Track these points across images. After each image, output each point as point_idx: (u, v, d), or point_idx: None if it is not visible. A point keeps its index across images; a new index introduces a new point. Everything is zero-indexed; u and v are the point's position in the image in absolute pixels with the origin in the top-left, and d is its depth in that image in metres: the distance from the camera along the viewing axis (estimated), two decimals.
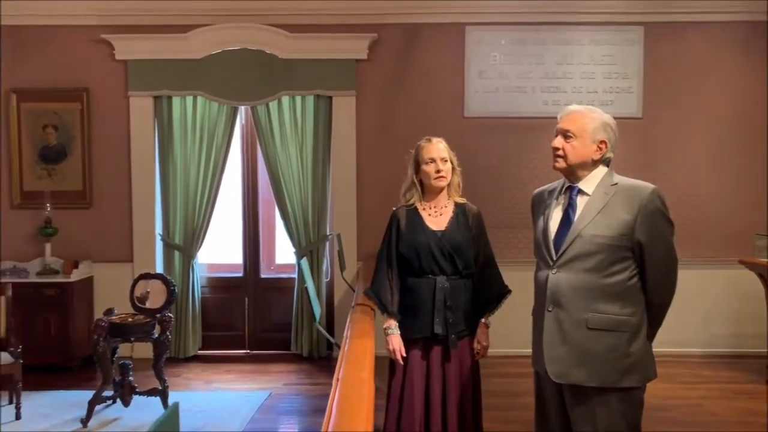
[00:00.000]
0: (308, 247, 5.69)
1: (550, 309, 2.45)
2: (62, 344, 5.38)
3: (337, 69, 5.58)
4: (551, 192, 2.63)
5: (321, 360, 5.67)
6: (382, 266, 3.08)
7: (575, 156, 2.47)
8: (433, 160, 2.99)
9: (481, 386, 3.12)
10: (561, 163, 2.50)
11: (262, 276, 6.05)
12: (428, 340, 3.00)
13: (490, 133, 5.70)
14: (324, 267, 5.75)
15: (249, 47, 5.62)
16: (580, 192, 2.50)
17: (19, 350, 4.36)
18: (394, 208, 3.14)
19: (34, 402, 4.55)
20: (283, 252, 6.07)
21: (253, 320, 5.98)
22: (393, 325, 3.00)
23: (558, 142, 2.49)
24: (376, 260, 3.14)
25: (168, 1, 5.59)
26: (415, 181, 3.08)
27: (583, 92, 5.69)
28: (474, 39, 5.69)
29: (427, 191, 3.06)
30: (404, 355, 2.98)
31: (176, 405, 1.35)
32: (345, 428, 1.72)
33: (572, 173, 2.51)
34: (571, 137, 2.47)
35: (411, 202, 3.09)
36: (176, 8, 5.60)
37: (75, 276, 5.48)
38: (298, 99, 5.69)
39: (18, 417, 4.30)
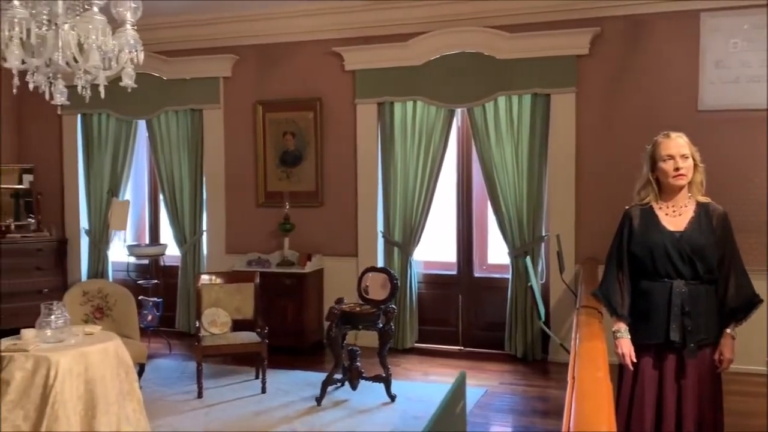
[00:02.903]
0: (522, 248, 5.66)
1: None
2: (297, 329, 5.96)
3: (557, 66, 5.48)
4: None
5: (536, 362, 5.59)
6: (612, 267, 2.98)
7: None
8: (671, 157, 2.82)
9: (723, 403, 2.88)
10: None
11: (476, 275, 6.14)
12: (662, 347, 2.84)
13: (728, 127, 5.18)
14: (539, 268, 5.67)
15: (467, 50, 5.75)
16: None
17: (265, 331, 4.93)
18: (626, 207, 3.02)
19: (276, 379, 5.09)
20: (496, 252, 6.11)
21: (466, 318, 6.09)
22: (623, 328, 2.89)
23: None
24: (606, 260, 3.05)
25: (391, 12, 5.92)
26: (651, 178, 2.92)
27: None
28: (710, 26, 5.21)
29: (665, 190, 2.90)
30: (634, 360, 2.86)
31: (463, 374, 1.47)
32: (587, 428, 1.71)
33: None
34: None
35: (646, 200, 2.94)
36: (399, 18, 5.91)
37: (308, 268, 6.04)
38: (515, 99, 5.68)
39: (263, 391, 4.85)
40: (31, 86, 3.56)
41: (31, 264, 6.65)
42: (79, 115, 7.00)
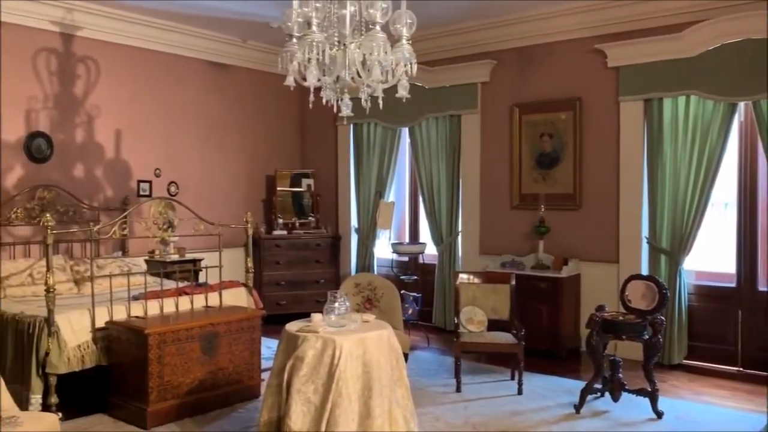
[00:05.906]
0: None
1: None
2: (552, 334, 5.87)
3: None
4: None
5: None
6: None
7: None
8: None
9: None
10: None
11: (760, 289, 5.44)
12: None
13: None
14: None
15: (752, 37, 5.13)
16: None
17: (522, 333, 4.95)
18: None
19: (531, 381, 5.08)
20: None
21: (747, 336, 5.42)
22: None
23: None
24: None
25: (657, 3, 5.53)
26: None
27: None
28: None
29: None
30: None
31: None
32: None
33: None
34: None
35: None
36: (669, 8, 5.50)
37: (564, 272, 5.90)
38: None
39: (519, 392, 4.87)
40: (324, 101, 4.05)
41: (312, 257, 7.54)
42: (351, 125, 7.74)
